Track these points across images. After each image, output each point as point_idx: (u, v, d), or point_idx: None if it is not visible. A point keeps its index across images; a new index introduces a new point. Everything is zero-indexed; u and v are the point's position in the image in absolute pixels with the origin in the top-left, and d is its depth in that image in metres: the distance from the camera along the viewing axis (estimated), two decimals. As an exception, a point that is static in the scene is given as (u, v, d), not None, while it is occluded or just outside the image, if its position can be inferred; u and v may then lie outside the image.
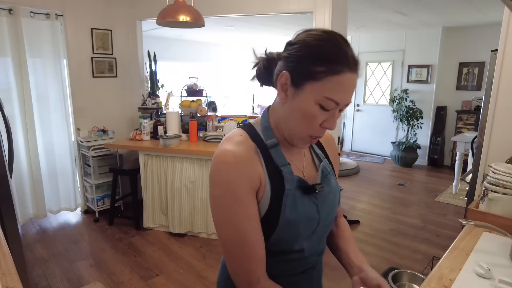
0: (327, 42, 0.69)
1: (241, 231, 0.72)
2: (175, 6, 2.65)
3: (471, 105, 5.58)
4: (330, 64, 0.67)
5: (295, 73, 0.70)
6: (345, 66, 0.67)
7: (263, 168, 0.75)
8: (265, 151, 0.76)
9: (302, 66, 0.69)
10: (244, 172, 0.71)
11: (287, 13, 3.27)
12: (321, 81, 0.67)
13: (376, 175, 5.48)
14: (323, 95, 0.68)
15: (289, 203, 0.75)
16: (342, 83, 0.68)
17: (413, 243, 3.18)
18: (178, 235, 3.20)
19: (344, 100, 0.70)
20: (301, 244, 0.80)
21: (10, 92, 3.15)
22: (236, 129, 0.82)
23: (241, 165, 0.71)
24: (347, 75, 0.68)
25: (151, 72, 3.86)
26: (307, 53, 0.69)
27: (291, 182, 0.76)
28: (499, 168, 1.34)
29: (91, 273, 2.62)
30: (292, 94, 0.71)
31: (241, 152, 0.73)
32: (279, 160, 0.77)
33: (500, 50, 1.95)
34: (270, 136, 0.78)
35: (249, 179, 0.72)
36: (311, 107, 0.70)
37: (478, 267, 0.99)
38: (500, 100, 1.97)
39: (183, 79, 4.20)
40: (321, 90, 0.68)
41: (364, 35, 6.52)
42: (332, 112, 0.71)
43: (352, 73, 0.68)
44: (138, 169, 3.28)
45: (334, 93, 0.68)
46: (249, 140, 0.77)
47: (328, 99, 0.68)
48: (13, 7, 3.04)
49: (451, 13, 4.51)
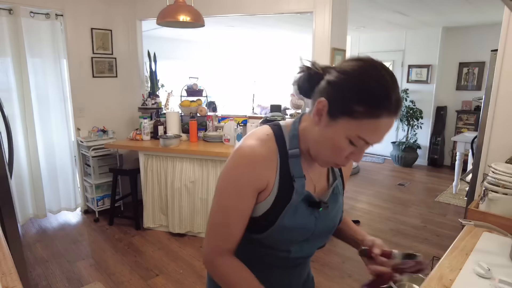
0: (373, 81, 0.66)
1: (227, 216, 0.77)
2: (175, 6, 2.65)
3: (471, 105, 5.58)
4: (371, 107, 0.65)
5: (333, 104, 0.68)
6: (386, 110, 0.65)
7: (276, 173, 0.76)
8: (284, 157, 0.77)
9: (342, 99, 0.67)
10: (255, 172, 0.74)
11: (287, 13, 3.27)
12: (357, 121, 0.66)
13: (376, 175, 5.48)
14: (356, 134, 0.67)
15: (290, 212, 0.77)
16: (379, 126, 0.66)
17: (413, 243, 3.18)
18: (178, 235, 3.20)
19: (376, 141, 0.69)
20: (289, 247, 0.83)
21: (10, 92, 3.15)
22: (265, 126, 0.82)
23: (256, 165, 0.74)
24: (385, 120, 0.66)
25: (151, 72, 3.86)
26: (350, 88, 0.66)
27: (299, 195, 0.78)
28: (499, 168, 1.34)
29: (91, 273, 2.62)
30: (326, 122, 0.70)
31: (260, 152, 0.75)
32: (296, 170, 0.78)
33: (500, 50, 1.95)
34: (295, 144, 0.78)
35: (258, 179, 0.75)
36: (341, 141, 0.69)
37: (478, 267, 0.99)
38: (500, 100, 1.98)
39: (183, 79, 4.20)
40: (355, 129, 0.67)
41: (364, 35, 6.52)
42: (360, 148, 0.71)
43: (392, 117, 0.66)
44: (138, 169, 3.28)
45: (367, 135, 0.67)
46: (273, 142, 0.78)
47: (360, 138, 0.68)
48: (13, 7, 3.04)
49: (451, 13, 4.51)
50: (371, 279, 0.82)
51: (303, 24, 5.11)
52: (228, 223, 0.78)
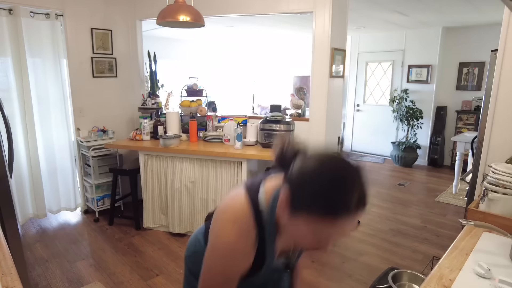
0: (332, 185, 0.63)
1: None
2: (175, 6, 2.65)
3: (471, 105, 5.58)
4: (329, 207, 0.63)
5: (295, 198, 0.67)
6: (344, 211, 0.64)
7: (254, 249, 0.79)
8: (262, 236, 0.79)
9: (302, 197, 0.66)
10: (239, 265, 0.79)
11: (287, 13, 3.27)
12: (314, 218, 0.65)
13: (376, 175, 5.48)
14: (314, 230, 0.66)
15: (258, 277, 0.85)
16: (336, 228, 0.66)
17: (413, 243, 3.18)
18: (178, 235, 3.20)
19: (335, 239, 0.70)
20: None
21: (10, 92, 3.15)
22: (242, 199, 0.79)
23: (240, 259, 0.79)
24: (342, 221, 0.65)
25: (151, 72, 3.86)
26: (311, 186, 0.65)
27: (267, 269, 0.84)
28: (499, 168, 1.34)
29: (91, 273, 2.62)
30: (288, 215, 0.70)
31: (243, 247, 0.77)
32: (269, 250, 0.82)
33: (500, 50, 1.95)
34: (272, 224, 0.78)
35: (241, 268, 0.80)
36: (303, 236, 0.69)
37: (478, 267, 0.99)
38: (500, 100, 1.98)
39: (183, 79, 4.20)
40: (313, 226, 0.66)
41: (364, 35, 6.52)
42: (326, 244, 0.70)
43: (351, 217, 0.65)
44: (138, 169, 3.28)
45: (325, 233, 0.67)
46: (253, 226, 0.77)
47: (320, 235, 0.67)
48: (13, 7, 3.04)
49: (451, 13, 4.51)
50: None
51: (303, 24, 5.11)
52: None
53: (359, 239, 3.24)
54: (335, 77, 3.37)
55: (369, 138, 6.79)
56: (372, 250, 3.05)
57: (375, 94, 6.66)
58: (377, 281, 2.06)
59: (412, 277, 2.06)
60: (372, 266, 2.77)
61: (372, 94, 6.69)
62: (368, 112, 6.76)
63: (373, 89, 6.66)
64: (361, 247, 3.10)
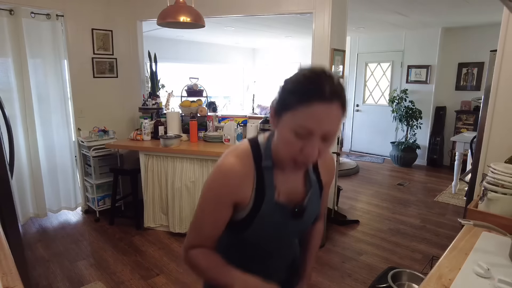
0: (305, 78, 0.75)
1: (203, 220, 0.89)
2: (175, 7, 2.66)
3: (470, 105, 5.59)
4: (300, 96, 0.73)
5: (277, 104, 0.79)
6: (314, 96, 0.72)
7: (253, 184, 0.86)
8: (260, 171, 0.86)
9: (281, 98, 0.78)
10: (233, 187, 0.84)
11: (287, 13, 3.28)
12: (293, 111, 0.74)
13: (376, 175, 5.49)
14: (295, 123, 0.74)
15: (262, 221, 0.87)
16: (312, 112, 0.72)
17: (413, 243, 3.19)
18: (178, 235, 3.21)
19: (316, 128, 0.73)
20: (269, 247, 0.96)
21: (10, 93, 3.16)
22: (244, 142, 0.91)
23: (233, 181, 0.84)
24: (316, 105, 0.72)
25: (151, 72, 3.87)
26: (286, 89, 0.78)
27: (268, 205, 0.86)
28: (498, 168, 1.35)
29: (92, 272, 2.63)
30: (276, 122, 0.80)
31: (238, 170, 0.84)
32: (268, 181, 0.87)
33: (499, 50, 1.96)
34: (268, 157, 0.87)
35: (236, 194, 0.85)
36: (287, 134, 0.76)
37: (477, 267, 0.99)
38: (499, 100, 1.98)
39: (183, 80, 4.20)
40: (294, 119, 0.74)
41: (363, 35, 6.53)
42: (309, 139, 0.75)
43: (325, 103, 0.72)
44: (139, 169, 3.29)
45: (303, 121, 0.73)
46: (251, 158, 0.87)
47: (300, 126, 0.74)
48: (14, 8, 3.04)
49: (450, 13, 4.52)
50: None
51: (303, 25, 5.12)
52: (203, 227, 0.90)
53: (359, 239, 3.25)
54: (335, 78, 3.37)
55: (369, 138, 6.80)
56: (372, 249, 3.06)
57: (374, 95, 6.66)
58: (377, 281, 2.06)
59: (411, 276, 2.06)
60: (371, 266, 2.78)
61: (371, 94, 6.70)
62: (368, 112, 6.77)
63: (372, 89, 6.67)
64: (361, 246, 3.11)
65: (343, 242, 3.19)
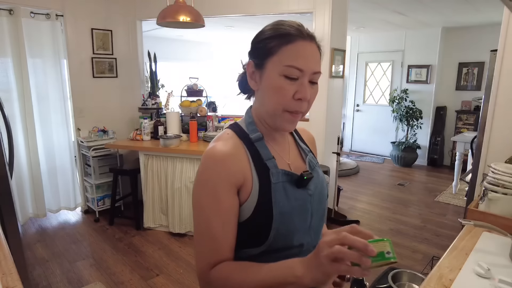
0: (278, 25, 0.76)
1: (210, 224, 0.73)
2: (175, 6, 2.65)
3: (470, 105, 5.59)
4: (282, 37, 0.73)
5: (256, 57, 0.77)
6: (296, 35, 0.73)
7: (249, 163, 0.76)
8: (251, 146, 0.79)
9: (260, 48, 0.76)
10: (227, 168, 0.72)
11: (287, 13, 3.28)
12: (278, 53, 0.73)
13: (376, 175, 5.49)
14: (283, 64, 0.72)
15: (279, 196, 0.76)
16: (297, 49, 0.72)
17: (413, 243, 3.18)
18: (178, 235, 3.21)
19: (304, 65, 0.72)
20: (300, 239, 0.80)
21: (10, 92, 3.15)
22: (224, 130, 0.85)
23: (225, 161, 0.73)
24: (300, 43, 0.72)
25: (151, 72, 3.86)
26: (262, 37, 0.76)
27: (276, 175, 0.77)
28: (498, 168, 1.34)
29: (92, 273, 2.62)
30: (259, 77, 0.76)
31: (226, 149, 0.75)
32: (264, 153, 0.79)
33: (499, 50, 1.95)
34: (254, 130, 0.81)
35: (231, 175, 0.73)
36: (277, 80, 0.73)
37: (478, 267, 0.99)
38: (499, 100, 1.98)
39: (183, 79, 4.20)
40: (280, 61, 0.72)
41: (363, 35, 6.52)
42: (300, 81, 0.73)
43: (306, 41, 0.73)
44: (138, 169, 3.28)
45: (292, 60, 0.71)
46: (236, 137, 0.80)
47: (289, 66, 0.72)
48: (14, 8, 3.04)
49: (451, 13, 4.52)
50: None
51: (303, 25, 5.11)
52: (213, 233, 0.73)
53: (359, 239, 3.25)
54: (335, 77, 3.37)
55: (369, 138, 6.79)
56: (372, 250, 3.05)
57: (374, 94, 6.66)
58: (377, 281, 2.06)
59: (411, 277, 2.06)
60: (372, 266, 2.77)
61: (371, 94, 6.70)
62: (368, 112, 6.76)
63: (372, 89, 6.67)
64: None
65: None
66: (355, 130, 6.99)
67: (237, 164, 0.74)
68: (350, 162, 5.89)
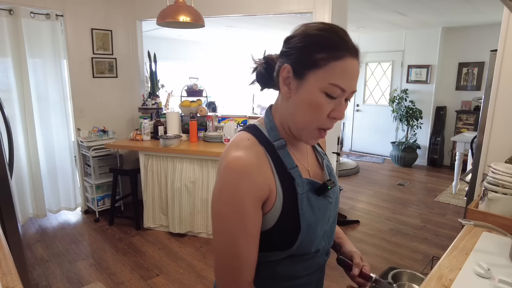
0: (327, 32, 0.68)
1: (236, 243, 0.69)
2: (175, 6, 2.65)
3: (470, 105, 5.59)
4: (332, 50, 0.66)
5: (297, 64, 0.69)
6: (347, 51, 0.67)
7: (273, 173, 0.72)
8: (273, 153, 0.74)
9: (304, 56, 0.68)
10: (253, 182, 0.67)
11: (287, 13, 3.28)
12: (324, 68, 0.66)
13: (376, 175, 5.48)
14: (328, 82, 0.66)
15: (306, 207, 0.73)
16: (345, 68, 0.67)
17: (413, 243, 3.18)
18: (178, 235, 3.21)
19: (349, 86, 0.68)
20: (317, 246, 0.79)
21: (10, 93, 3.15)
22: (241, 133, 0.78)
23: (251, 174, 0.68)
24: (349, 60, 0.67)
25: (151, 72, 3.86)
26: (308, 43, 0.68)
27: (301, 185, 0.74)
28: (498, 168, 1.34)
29: (91, 273, 2.62)
30: (296, 86, 0.70)
31: (251, 160, 0.69)
32: (288, 162, 0.74)
33: (499, 50, 1.95)
34: (276, 136, 0.75)
35: (258, 189, 0.68)
36: (317, 96, 0.67)
37: (478, 267, 0.99)
38: (499, 100, 1.98)
39: (183, 80, 4.20)
40: (325, 77, 0.66)
41: (363, 35, 6.52)
42: (338, 100, 0.69)
43: (354, 58, 0.68)
44: (138, 169, 3.28)
45: (338, 79, 0.66)
46: (257, 143, 0.74)
47: (333, 85, 0.66)
48: (13, 8, 3.04)
49: (451, 13, 4.52)
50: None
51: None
52: (238, 252, 0.69)
53: (359, 239, 3.25)
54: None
55: (369, 138, 6.79)
56: (372, 250, 3.05)
57: (374, 94, 6.66)
58: (377, 281, 2.06)
59: (411, 277, 2.05)
60: (371, 266, 2.76)
61: (371, 94, 6.70)
62: (368, 112, 6.76)
63: (372, 89, 6.67)
64: (361, 247, 3.10)
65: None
66: (355, 130, 6.99)
67: (262, 175, 0.69)
68: (350, 162, 5.89)
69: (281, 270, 0.77)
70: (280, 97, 0.77)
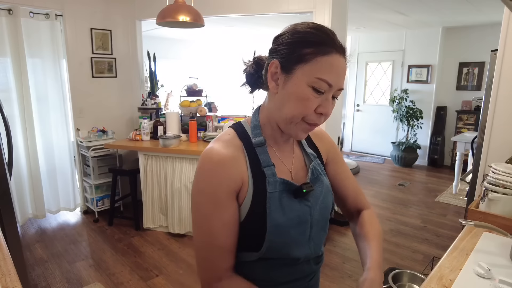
0: (315, 30, 0.70)
1: (212, 233, 0.72)
2: (174, 6, 2.65)
3: (471, 105, 5.58)
4: (319, 46, 0.68)
5: (285, 59, 0.71)
6: (334, 48, 0.69)
7: (247, 167, 0.74)
8: (251, 150, 0.76)
9: (292, 51, 0.70)
10: (226, 173, 0.71)
11: (287, 13, 3.27)
12: (311, 62, 0.68)
13: (376, 175, 5.48)
14: (315, 76, 0.68)
15: (274, 207, 0.73)
16: (332, 63, 0.68)
17: (413, 243, 3.17)
18: (177, 236, 3.20)
19: (335, 81, 0.69)
20: (297, 252, 0.78)
21: (9, 93, 3.15)
22: (227, 128, 0.82)
23: (225, 165, 0.71)
24: (336, 57, 0.69)
25: (150, 72, 3.86)
26: (296, 39, 0.70)
27: (273, 184, 0.74)
28: (499, 168, 1.34)
29: (91, 273, 2.62)
30: (283, 81, 0.71)
31: (226, 152, 0.72)
32: (264, 159, 0.76)
33: (500, 50, 1.95)
34: (258, 134, 0.78)
35: (231, 180, 0.71)
36: (304, 90, 0.69)
37: (478, 267, 0.98)
38: (500, 100, 1.97)
39: (182, 79, 4.20)
40: (312, 71, 0.68)
41: (364, 35, 6.52)
42: (325, 96, 0.71)
43: (341, 56, 0.70)
44: (138, 169, 3.28)
45: (325, 73, 0.68)
46: (236, 138, 0.77)
47: (320, 79, 0.68)
48: (13, 7, 3.04)
49: (451, 13, 4.51)
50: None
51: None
52: (216, 240, 0.72)
53: (359, 239, 3.24)
54: (335, 77, 3.36)
55: (369, 138, 6.79)
56: (372, 250, 3.04)
57: (375, 94, 6.65)
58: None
59: (412, 277, 2.05)
60: (372, 266, 2.76)
61: (372, 94, 6.69)
62: (368, 112, 6.76)
63: (373, 89, 6.66)
64: (361, 247, 3.09)
65: (344, 242, 3.18)
66: (355, 130, 6.99)
67: (236, 167, 0.72)
68: (350, 162, 5.88)
69: (260, 273, 0.78)
70: (268, 95, 0.79)
